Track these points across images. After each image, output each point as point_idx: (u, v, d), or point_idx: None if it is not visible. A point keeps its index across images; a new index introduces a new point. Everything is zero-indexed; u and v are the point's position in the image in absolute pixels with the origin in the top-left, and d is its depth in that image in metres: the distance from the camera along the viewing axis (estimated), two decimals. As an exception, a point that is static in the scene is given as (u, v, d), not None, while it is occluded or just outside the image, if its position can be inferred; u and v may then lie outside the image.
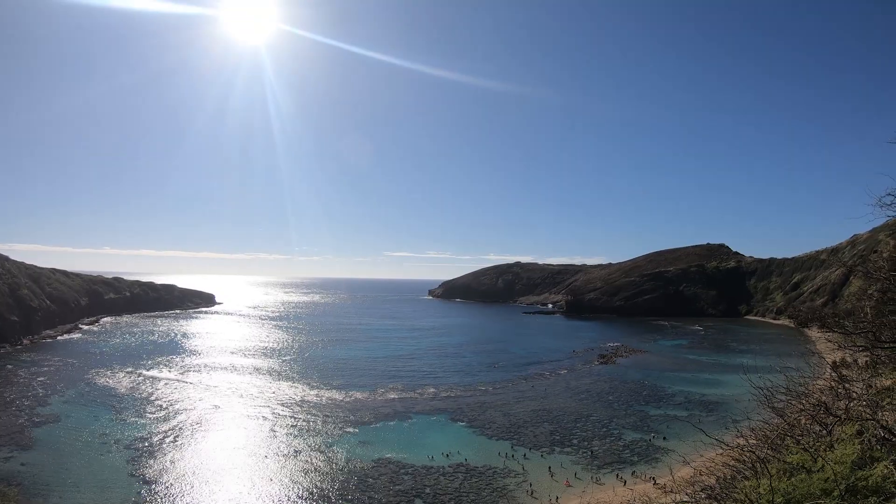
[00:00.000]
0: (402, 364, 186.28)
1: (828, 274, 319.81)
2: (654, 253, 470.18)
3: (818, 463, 10.87)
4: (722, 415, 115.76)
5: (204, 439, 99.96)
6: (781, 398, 21.88)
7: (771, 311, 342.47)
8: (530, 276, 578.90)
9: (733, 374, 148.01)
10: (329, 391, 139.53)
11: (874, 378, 17.21)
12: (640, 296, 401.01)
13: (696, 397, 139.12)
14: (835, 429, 13.74)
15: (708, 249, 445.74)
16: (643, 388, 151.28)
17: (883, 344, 17.18)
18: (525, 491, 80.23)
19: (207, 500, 74.62)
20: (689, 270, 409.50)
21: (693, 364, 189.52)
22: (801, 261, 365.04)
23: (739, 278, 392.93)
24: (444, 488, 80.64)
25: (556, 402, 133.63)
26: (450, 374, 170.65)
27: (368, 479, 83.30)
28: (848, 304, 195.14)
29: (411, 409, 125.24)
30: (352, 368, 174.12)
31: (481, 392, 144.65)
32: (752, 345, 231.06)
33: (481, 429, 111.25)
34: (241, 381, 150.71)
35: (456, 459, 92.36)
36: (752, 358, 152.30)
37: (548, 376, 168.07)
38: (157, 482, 79.19)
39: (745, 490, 11.46)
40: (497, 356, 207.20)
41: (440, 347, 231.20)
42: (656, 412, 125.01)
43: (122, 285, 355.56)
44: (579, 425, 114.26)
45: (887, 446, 12.39)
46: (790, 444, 14.78)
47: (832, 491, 9.91)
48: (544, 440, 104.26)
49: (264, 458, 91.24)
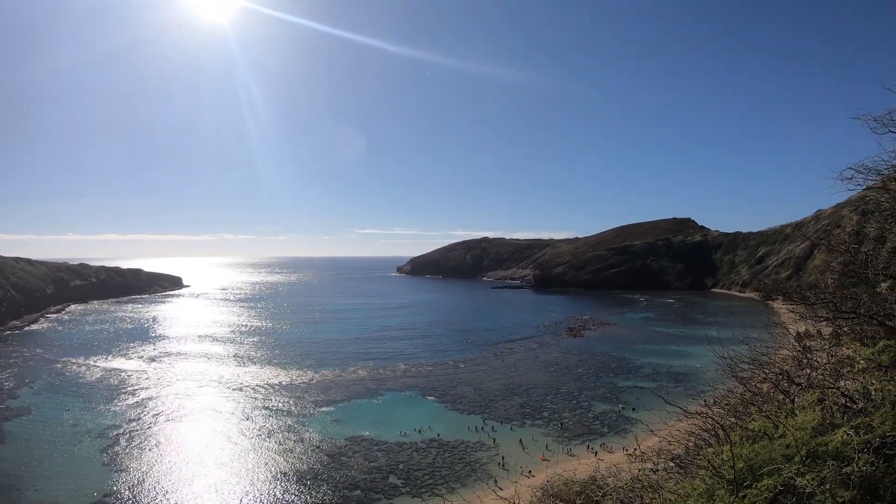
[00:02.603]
0: (372, 342, 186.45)
1: (792, 248, 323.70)
2: (621, 227, 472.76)
3: (780, 430, 11.44)
4: (689, 385, 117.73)
5: (177, 425, 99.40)
6: (745, 368, 22.70)
7: (736, 284, 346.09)
8: (498, 251, 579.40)
9: (700, 345, 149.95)
10: (300, 371, 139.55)
11: (836, 348, 17.97)
12: (607, 269, 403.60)
13: (663, 368, 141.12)
14: (797, 396, 14.44)
15: (674, 223, 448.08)
16: (612, 360, 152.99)
17: (843, 315, 17.97)
18: (497, 464, 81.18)
19: (184, 486, 74.32)
20: (655, 244, 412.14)
21: (660, 336, 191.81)
22: (767, 235, 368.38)
23: (705, 252, 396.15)
24: (417, 464, 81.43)
25: (525, 375, 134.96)
26: (420, 350, 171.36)
27: (342, 457, 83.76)
28: (811, 277, 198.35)
29: (382, 386, 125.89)
30: (322, 348, 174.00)
31: (452, 367, 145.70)
32: (719, 317, 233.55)
33: (453, 404, 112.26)
34: (211, 364, 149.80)
35: (428, 435, 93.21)
36: (718, 330, 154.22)
37: (517, 350, 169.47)
38: (132, 470, 78.62)
39: (707, 457, 11.98)
40: (466, 332, 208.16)
41: (410, 324, 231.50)
42: (625, 384, 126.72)
43: (88, 271, 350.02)
44: (549, 398, 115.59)
45: (848, 413, 13.12)
46: (753, 412, 15.48)
47: (793, 456, 10.50)
48: (515, 413, 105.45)
49: (238, 441, 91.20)
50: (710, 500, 10.32)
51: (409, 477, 77.05)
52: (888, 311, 16.11)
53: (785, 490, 10.20)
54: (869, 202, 28.61)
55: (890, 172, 18.59)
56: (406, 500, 70.88)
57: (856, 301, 17.64)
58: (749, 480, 10.33)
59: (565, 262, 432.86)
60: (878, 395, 12.63)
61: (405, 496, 71.80)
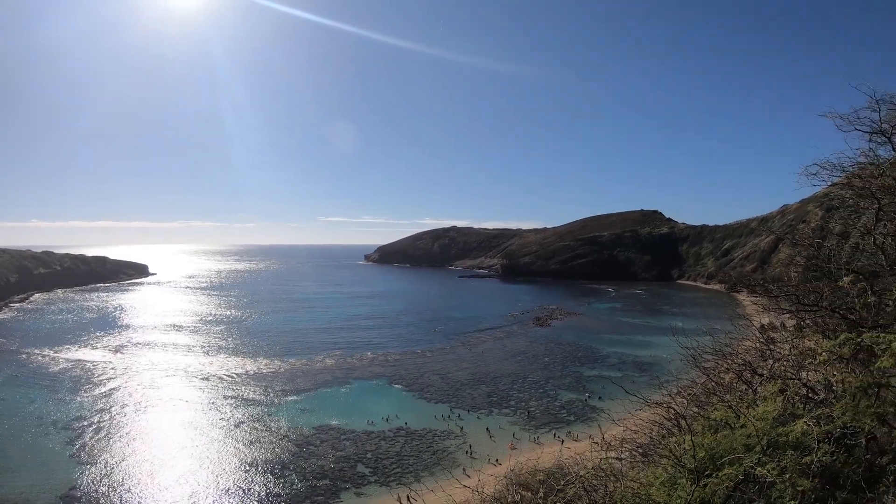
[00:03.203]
0: (339, 331, 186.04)
1: (758, 241, 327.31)
2: (589, 218, 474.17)
3: (741, 420, 11.70)
4: (655, 374, 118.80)
5: (144, 416, 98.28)
6: (709, 358, 23.08)
7: (702, 276, 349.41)
8: (466, 240, 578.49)
9: (665, 335, 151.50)
10: (267, 360, 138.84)
11: (798, 340, 18.36)
12: (574, 260, 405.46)
13: (629, 358, 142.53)
14: (759, 387, 14.76)
15: (642, 215, 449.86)
16: (578, 349, 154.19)
17: (805, 307, 18.37)
18: (465, 452, 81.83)
19: (152, 477, 73.69)
20: (623, 235, 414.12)
21: (626, 326, 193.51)
22: (733, 228, 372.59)
23: (672, 244, 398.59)
24: (385, 452, 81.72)
25: (493, 364, 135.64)
26: (388, 339, 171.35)
27: (310, 446, 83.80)
28: (776, 270, 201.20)
29: (350, 375, 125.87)
30: (289, 337, 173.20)
31: (419, 356, 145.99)
32: (684, 308, 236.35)
33: (420, 392, 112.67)
34: (178, 354, 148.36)
35: (396, 423, 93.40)
36: (683, 320, 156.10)
37: (484, 339, 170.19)
38: (99, 462, 77.57)
39: (669, 446, 12.18)
40: (434, 320, 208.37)
41: (377, 313, 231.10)
42: (591, 373, 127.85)
43: (53, 259, 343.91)
44: (516, 387, 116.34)
45: (810, 404, 13.45)
46: (716, 402, 15.78)
47: (754, 446, 10.73)
48: (482, 402, 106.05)
49: (206, 431, 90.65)
50: (672, 489, 10.51)
51: (377, 466, 77.32)
52: (849, 304, 16.50)
53: (746, 479, 10.45)
54: (834, 198, 29.15)
55: (854, 169, 18.99)
56: (374, 488, 71.13)
57: (818, 294, 18.06)
58: (710, 470, 10.54)
59: (533, 251, 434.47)
60: (840, 387, 12.95)
61: (373, 485, 72.06)
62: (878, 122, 18.15)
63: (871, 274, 17.14)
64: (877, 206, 17.57)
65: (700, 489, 10.14)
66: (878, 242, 16.98)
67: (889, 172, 17.17)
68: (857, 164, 18.83)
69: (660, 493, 10.53)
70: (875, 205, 17.63)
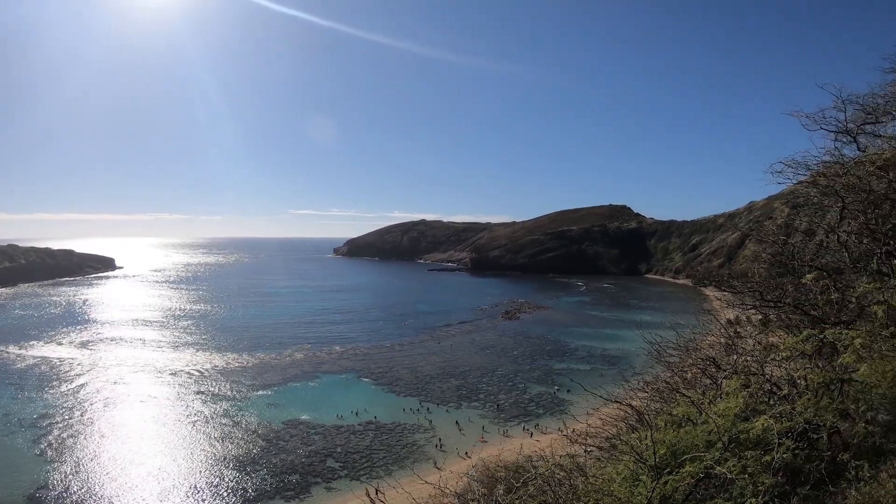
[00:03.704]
0: (308, 325, 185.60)
1: (725, 237, 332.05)
2: (558, 212, 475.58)
3: (702, 416, 11.83)
4: (623, 368, 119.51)
5: (112, 413, 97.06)
6: (673, 353, 23.28)
7: (670, 271, 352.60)
8: (435, 233, 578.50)
9: (633, 329, 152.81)
10: (236, 355, 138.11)
11: (762, 335, 18.58)
12: (543, 254, 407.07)
13: (597, 351, 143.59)
14: (723, 382, 14.93)
15: (610, 210, 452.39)
16: (547, 343, 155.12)
17: (768, 303, 18.62)
18: (434, 445, 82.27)
19: (121, 475, 72.93)
20: (591, 230, 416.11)
21: (595, 320, 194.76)
22: (700, 224, 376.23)
23: (640, 238, 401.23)
24: (355, 446, 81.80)
25: (462, 358, 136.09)
26: (356, 333, 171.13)
27: (280, 441, 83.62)
28: (742, 266, 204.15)
29: (319, 369, 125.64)
30: (258, 331, 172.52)
31: (388, 350, 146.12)
32: (652, 302, 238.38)
33: (389, 386, 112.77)
34: (145, 349, 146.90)
35: (365, 417, 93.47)
36: (651, 314, 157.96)
37: (454, 333, 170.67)
38: (67, 461, 76.64)
39: (630, 442, 12.25)
40: (403, 314, 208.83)
41: (346, 307, 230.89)
42: (560, 366, 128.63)
43: (17, 253, 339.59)
44: (485, 380, 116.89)
45: (773, 399, 13.62)
46: (679, 398, 15.93)
47: (715, 443, 10.87)
48: (451, 395, 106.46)
49: (175, 428, 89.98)
50: (633, 485, 10.59)
51: (347, 460, 77.42)
52: (812, 301, 16.74)
53: (707, 476, 10.57)
54: (800, 196, 29.55)
55: (819, 168, 19.25)
56: (344, 482, 71.04)
57: (781, 291, 18.30)
58: (672, 466, 10.63)
59: (502, 245, 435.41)
60: (802, 383, 13.13)
61: (343, 479, 72.03)
62: (844, 122, 18.42)
63: (834, 271, 17.39)
64: (841, 205, 17.82)
65: (661, 486, 10.22)
66: (841, 240, 17.23)
67: (853, 171, 17.41)
68: (822, 162, 19.09)
69: (621, 489, 10.61)
70: (839, 203, 17.90)
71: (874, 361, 12.11)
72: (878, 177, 16.74)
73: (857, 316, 14.84)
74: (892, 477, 10.42)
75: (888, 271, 15.24)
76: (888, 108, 17.83)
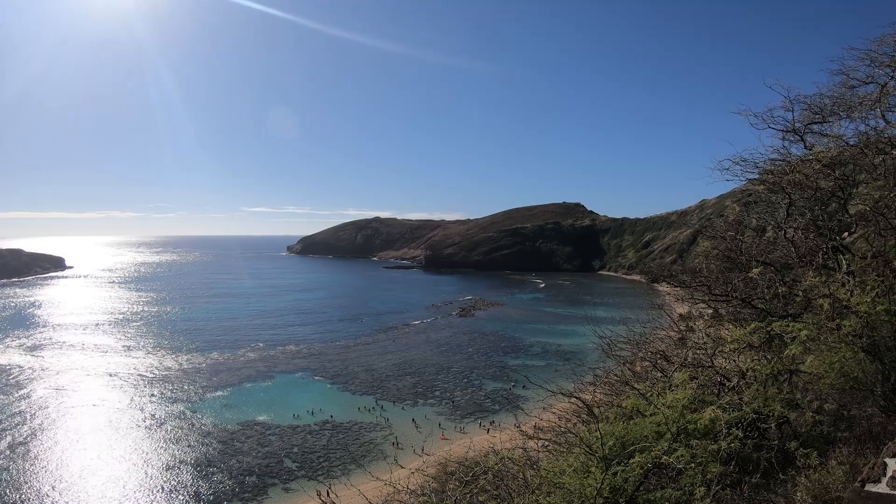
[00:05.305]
0: (262, 323, 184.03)
1: (677, 234, 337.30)
2: (512, 210, 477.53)
3: (652, 407, 12.07)
4: (577, 363, 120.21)
5: (65, 420, 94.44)
6: (625, 348, 23.64)
7: (623, 267, 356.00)
8: (389, 231, 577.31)
9: (587, 325, 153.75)
10: (189, 356, 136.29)
11: (712, 329, 18.97)
12: (497, 251, 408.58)
13: (552, 347, 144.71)
14: (673, 375, 15.22)
15: (564, 208, 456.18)
16: (501, 339, 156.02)
17: (717, 298, 19.06)
18: (391, 443, 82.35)
19: (76, 483, 71.54)
20: (545, 227, 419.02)
21: (549, 316, 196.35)
22: (653, 221, 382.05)
23: (594, 236, 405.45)
24: (311, 446, 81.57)
25: (417, 355, 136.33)
26: (311, 331, 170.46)
27: (236, 442, 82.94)
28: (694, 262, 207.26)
29: (273, 368, 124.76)
30: (210, 331, 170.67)
31: (343, 348, 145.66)
32: (606, 298, 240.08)
33: (345, 385, 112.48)
34: (97, 353, 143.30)
35: (321, 417, 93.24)
36: (605, 310, 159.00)
37: (408, 330, 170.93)
38: (20, 470, 74.55)
39: (580, 434, 12.44)
40: (358, 311, 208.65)
41: (300, 305, 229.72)
42: (515, 362, 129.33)
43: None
44: (441, 377, 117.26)
45: (723, 391, 13.94)
46: (628, 391, 16.21)
47: (664, 434, 11.11)
48: (407, 393, 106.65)
49: (129, 432, 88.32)
50: (584, 477, 10.75)
51: (304, 460, 77.19)
52: (760, 295, 17.17)
53: (657, 466, 10.79)
54: (750, 193, 30.22)
55: (767, 166, 19.70)
56: (302, 482, 70.58)
57: (730, 285, 18.73)
58: (621, 458, 10.82)
59: (456, 242, 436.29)
60: (751, 374, 13.46)
61: (301, 479, 71.65)
62: (792, 122, 18.88)
63: (782, 266, 17.82)
64: (788, 202, 18.28)
65: (610, 476, 10.40)
66: (788, 236, 17.68)
67: (800, 169, 17.86)
68: (770, 160, 19.55)
69: (573, 480, 10.77)
70: (786, 200, 18.35)
71: (821, 353, 12.45)
72: (824, 175, 17.19)
73: (804, 309, 15.23)
74: (840, 464, 10.72)
75: (834, 265, 15.67)
76: (835, 108, 18.30)
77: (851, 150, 17.29)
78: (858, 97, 17.74)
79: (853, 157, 17.16)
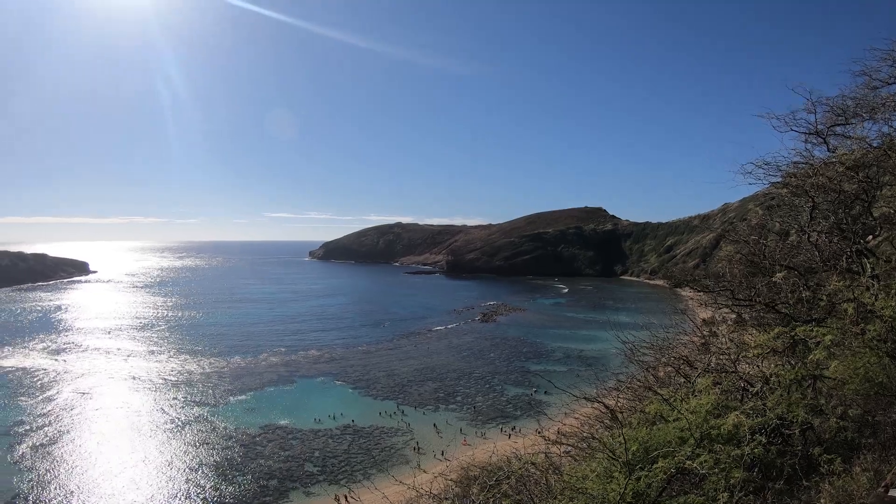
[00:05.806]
0: (284, 328, 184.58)
1: (699, 238, 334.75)
2: (534, 214, 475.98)
3: (675, 413, 11.97)
4: (599, 368, 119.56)
5: (88, 421, 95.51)
6: (648, 353, 23.48)
7: (645, 272, 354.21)
8: (411, 236, 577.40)
9: (609, 330, 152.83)
10: (211, 360, 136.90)
11: (736, 334, 18.80)
12: (519, 256, 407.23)
13: (574, 353, 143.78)
14: (696, 381, 15.10)
15: (586, 212, 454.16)
16: (523, 344, 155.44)
17: (740, 302, 18.89)
18: (412, 448, 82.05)
19: (98, 485, 72.04)
20: (567, 232, 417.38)
21: (571, 321, 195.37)
22: (675, 225, 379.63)
23: (616, 240, 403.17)
24: (332, 451, 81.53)
25: (438, 360, 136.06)
26: (333, 336, 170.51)
27: (257, 446, 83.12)
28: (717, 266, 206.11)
29: (295, 373, 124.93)
30: (233, 335, 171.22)
31: (365, 352, 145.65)
32: (628, 303, 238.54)
33: (366, 389, 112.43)
34: (120, 356, 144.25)
35: (342, 421, 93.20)
36: (627, 315, 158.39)
37: (430, 335, 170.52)
38: (42, 470, 75.44)
39: (603, 439, 12.36)
40: (379, 316, 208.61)
41: (322, 310, 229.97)
42: (536, 367, 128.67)
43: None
44: (462, 382, 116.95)
45: (746, 396, 13.80)
46: (652, 396, 16.09)
47: (687, 439, 11.02)
48: (429, 398, 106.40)
49: (152, 435, 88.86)
50: (607, 482, 10.69)
51: (325, 464, 77.17)
52: (784, 299, 17.00)
53: (680, 472, 10.71)
54: (773, 197, 30.05)
55: (790, 169, 19.53)
56: (323, 487, 70.72)
57: (754, 290, 18.55)
58: (644, 463, 10.75)
59: (478, 248, 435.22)
60: (775, 380, 13.32)
61: (322, 483, 71.72)
62: (814, 124, 18.72)
63: (806, 270, 17.65)
64: (811, 205, 18.12)
65: (633, 482, 10.34)
66: (812, 240, 17.52)
67: (822, 171, 17.69)
68: (793, 163, 19.39)
69: (595, 485, 10.72)
70: (810, 203, 18.19)
71: (845, 358, 12.31)
72: (848, 177, 17.01)
73: (828, 313, 15.07)
74: (864, 471, 10.62)
75: (858, 269, 15.50)
76: (858, 110, 18.12)
77: (875, 151, 17.12)
78: (881, 98, 17.57)
79: (877, 160, 16.98)
